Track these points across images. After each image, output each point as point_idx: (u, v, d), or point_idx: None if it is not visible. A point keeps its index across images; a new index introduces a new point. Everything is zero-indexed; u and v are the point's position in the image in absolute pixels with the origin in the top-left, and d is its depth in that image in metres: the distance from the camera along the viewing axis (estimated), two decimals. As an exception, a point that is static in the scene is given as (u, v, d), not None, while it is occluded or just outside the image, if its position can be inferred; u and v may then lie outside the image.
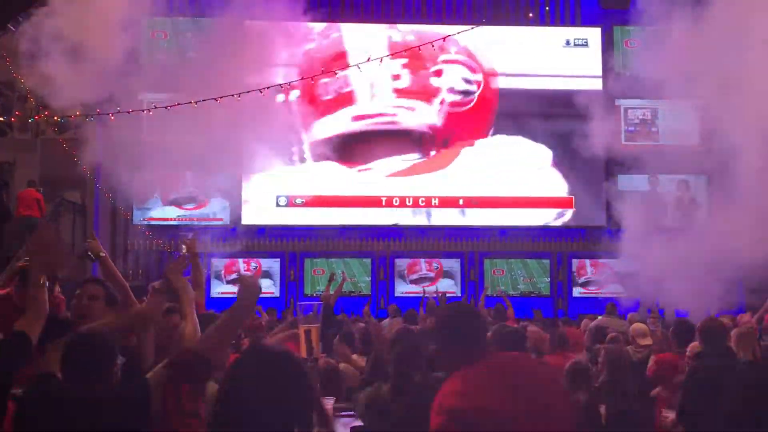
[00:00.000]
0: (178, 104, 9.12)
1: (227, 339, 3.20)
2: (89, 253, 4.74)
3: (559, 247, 14.42)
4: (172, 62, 13.94)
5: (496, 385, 2.59)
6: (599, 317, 10.79)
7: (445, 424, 2.48)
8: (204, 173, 13.57)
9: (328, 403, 3.99)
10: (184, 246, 4.78)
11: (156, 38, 13.84)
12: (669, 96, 13.86)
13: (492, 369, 2.66)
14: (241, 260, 13.94)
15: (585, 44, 14.86)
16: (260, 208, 13.83)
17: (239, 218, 13.80)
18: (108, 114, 9.21)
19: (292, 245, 13.91)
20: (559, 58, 14.73)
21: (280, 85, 8.75)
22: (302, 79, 9.48)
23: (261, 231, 13.92)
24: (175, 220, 13.84)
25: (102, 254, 4.66)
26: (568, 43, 14.84)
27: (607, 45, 14.78)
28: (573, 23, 15.11)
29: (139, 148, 13.64)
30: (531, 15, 15.02)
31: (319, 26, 13.93)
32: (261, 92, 8.64)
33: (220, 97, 8.74)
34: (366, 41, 13.85)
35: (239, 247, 13.69)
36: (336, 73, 10.45)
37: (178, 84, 13.50)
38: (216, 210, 13.85)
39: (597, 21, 14.97)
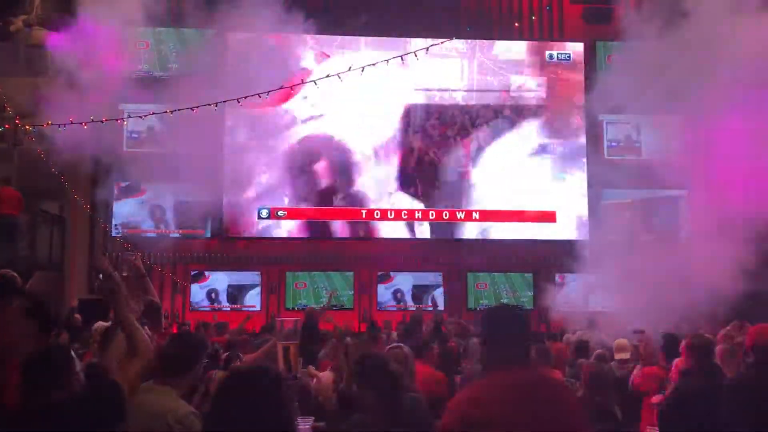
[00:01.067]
0: (153, 113, 8.97)
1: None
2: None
3: (544, 261, 14.36)
4: (153, 73, 13.84)
5: (514, 399, 2.58)
6: (578, 331, 10.80)
7: (450, 424, 2.52)
8: (185, 184, 13.48)
9: (306, 423, 3.87)
10: (125, 266, 4.51)
11: (138, 48, 13.68)
12: (650, 111, 14.12)
13: (516, 382, 2.64)
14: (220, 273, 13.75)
15: (567, 59, 14.88)
16: (241, 220, 13.67)
17: (220, 230, 13.63)
18: (81, 123, 8.97)
19: (273, 258, 13.74)
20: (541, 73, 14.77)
21: (258, 94, 8.61)
22: (281, 88, 9.33)
23: (242, 244, 13.75)
24: (153, 231, 13.64)
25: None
26: (551, 57, 14.85)
27: (590, 60, 14.81)
28: (556, 38, 15.15)
29: (120, 159, 13.58)
30: (516, 24, 15.10)
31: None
32: (239, 102, 8.53)
33: (196, 107, 8.64)
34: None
35: (219, 261, 13.57)
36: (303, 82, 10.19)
37: (160, 95, 13.47)
38: (196, 222, 13.66)
39: (580, 36, 15.03)
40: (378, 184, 14.03)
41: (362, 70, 8.98)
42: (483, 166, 14.37)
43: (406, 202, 14.06)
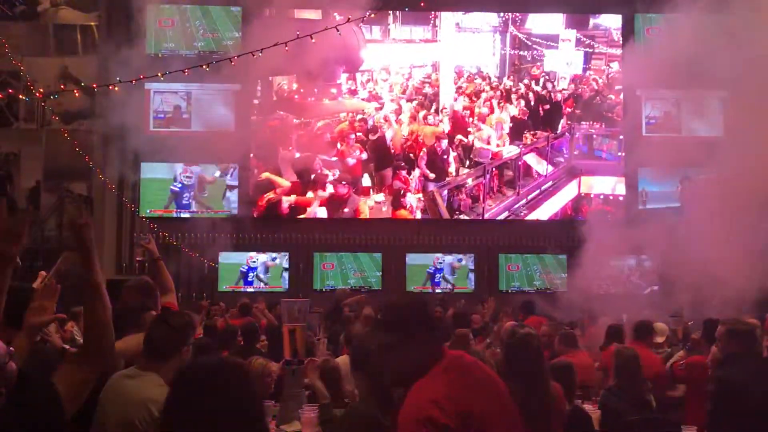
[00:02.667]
0: (177, 71, 8.79)
1: None
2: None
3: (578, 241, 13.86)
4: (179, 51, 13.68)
5: (472, 387, 2.35)
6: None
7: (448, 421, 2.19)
8: (212, 163, 13.36)
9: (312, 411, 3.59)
10: (141, 250, 4.49)
11: (163, 26, 13.52)
12: (692, 86, 13.54)
13: (463, 370, 2.40)
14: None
15: (605, 32, 14.33)
16: (268, 199, 13.47)
17: (248, 210, 13.46)
18: (109, 86, 8.85)
19: (301, 238, 13.54)
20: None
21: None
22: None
23: (269, 224, 13.55)
24: (181, 212, 13.52)
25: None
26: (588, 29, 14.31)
27: (628, 33, 14.22)
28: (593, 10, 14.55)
29: (146, 139, 13.49)
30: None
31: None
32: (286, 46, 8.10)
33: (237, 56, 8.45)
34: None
35: (247, 241, 13.41)
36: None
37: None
38: (224, 202, 13.51)
39: (618, 8, 14.42)
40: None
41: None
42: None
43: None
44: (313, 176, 13.39)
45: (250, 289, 13.31)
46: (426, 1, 13.38)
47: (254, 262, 13.53)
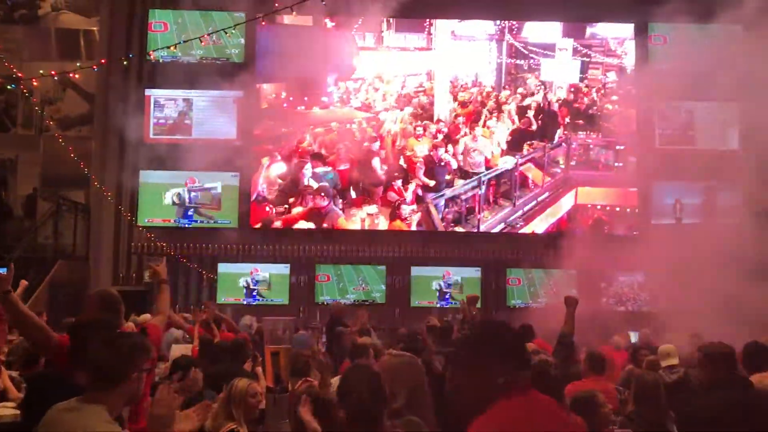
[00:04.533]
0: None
1: None
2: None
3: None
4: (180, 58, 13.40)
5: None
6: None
7: None
8: (211, 172, 13.03)
9: None
10: (150, 271, 4.38)
11: (154, 30, 13.24)
12: (705, 97, 13.18)
13: (532, 409, 2.24)
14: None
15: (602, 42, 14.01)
16: (269, 210, 13.10)
17: (247, 221, 13.10)
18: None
19: (302, 250, 13.16)
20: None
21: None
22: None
23: (269, 235, 13.18)
24: (178, 222, 13.16)
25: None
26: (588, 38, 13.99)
27: (640, 42, 13.87)
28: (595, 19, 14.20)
29: (144, 148, 13.19)
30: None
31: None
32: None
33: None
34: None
35: (247, 253, 13.05)
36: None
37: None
38: (223, 212, 13.15)
39: (627, 16, 14.07)
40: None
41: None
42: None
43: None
44: (299, 188, 12.99)
45: (252, 302, 12.94)
46: (421, 8, 13.19)
47: (258, 275, 13.12)
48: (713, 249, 9.13)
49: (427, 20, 13.67)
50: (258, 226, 13.10)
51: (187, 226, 13.07)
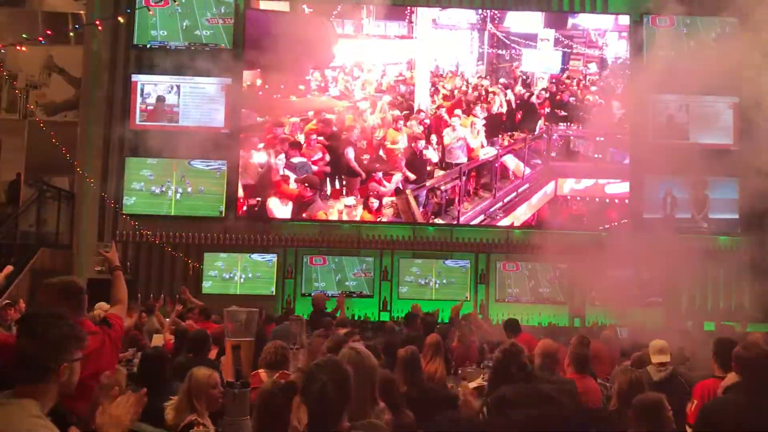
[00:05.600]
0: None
1: None
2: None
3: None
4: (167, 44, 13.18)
5: None
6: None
7: None
8: (198, 160, 12.84)
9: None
10: (99, 259, 4.15)
11: (152, 12, 12.99)
12: (702, 91, 13.04)
13: None
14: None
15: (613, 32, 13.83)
16: (273, 198, 12.89)
17: (234, 210, 12.91)
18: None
19: (289, 240, 12.98)
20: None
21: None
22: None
23: (257, 224, 13.00)
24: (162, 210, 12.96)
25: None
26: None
27: (636, 34, 13.70)
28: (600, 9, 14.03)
29: (130, 135, 12.99)
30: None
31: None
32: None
33: None
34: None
35: (233, 243, 12.87)
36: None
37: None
38: (210, 201, 12.95)
39: (625, 7, 13.93)
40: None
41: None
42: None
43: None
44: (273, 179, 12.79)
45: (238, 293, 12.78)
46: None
47: (245, 265, 12.94)
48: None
49: (408, 8, 13.44)
50: (243, 215, 12.91)
51: (172, 214, 12.87)
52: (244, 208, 12.86)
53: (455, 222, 13.12)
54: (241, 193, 12.83)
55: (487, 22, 13.56)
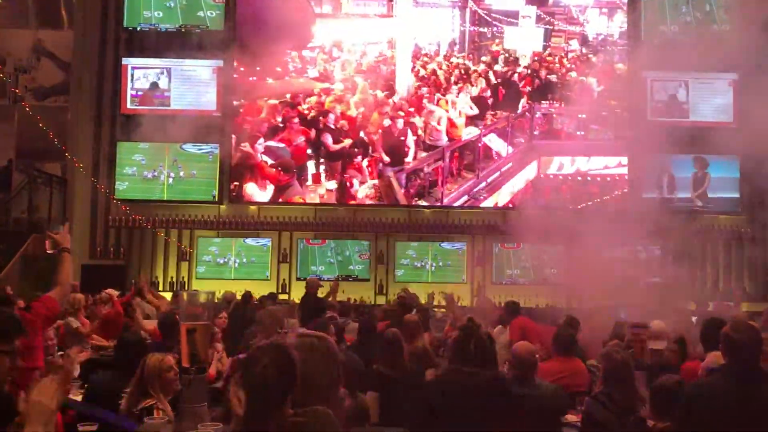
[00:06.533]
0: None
1: None
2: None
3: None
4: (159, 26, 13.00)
5: None
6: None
7: None
8: (191, 144, 12.70)
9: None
10: (50, 241, 4.14)
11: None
12: (702, 69, 12.82)
13: None
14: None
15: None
16: (250, 183, 12.76)
17: (228, 194, 12.78)
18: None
19: (284, 224, 12.85)
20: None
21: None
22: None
23: (250, 208, 12.87)
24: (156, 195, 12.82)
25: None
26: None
27: (633, 10, 13.46)
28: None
29: (121, 119, 12.85)
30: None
31: None
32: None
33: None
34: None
35: (227, 226, 12.75)
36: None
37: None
38: (202, 185, 12.80)
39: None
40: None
41: None
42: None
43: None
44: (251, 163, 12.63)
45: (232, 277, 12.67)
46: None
47: (239, 249, 12.83)
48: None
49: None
50: (235, 199, 12.78)
51: (165, 199, 12.73)
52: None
53: (438, 203, 12.96)
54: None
55: (468, -1, 13.33)
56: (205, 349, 2.97)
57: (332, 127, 12.68)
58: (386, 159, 12.77)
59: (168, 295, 10.74)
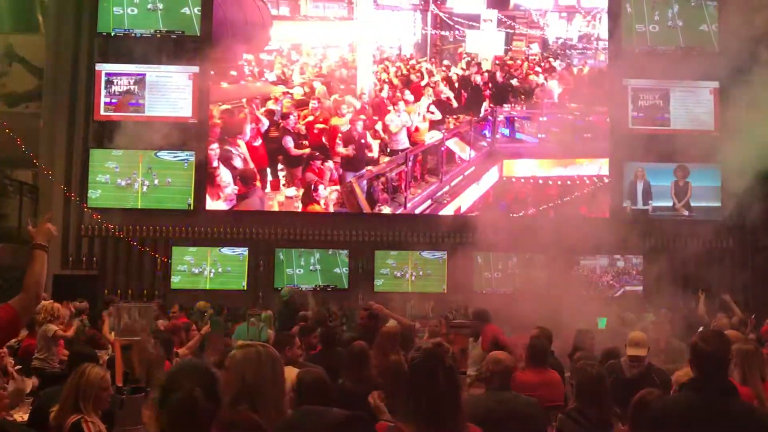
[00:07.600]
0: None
1: None
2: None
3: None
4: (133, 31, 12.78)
5: None
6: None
7: None
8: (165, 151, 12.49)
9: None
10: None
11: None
12: (683, 77, 12.78)
13: None
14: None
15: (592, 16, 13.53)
16: (226, 191, 12.51)
17: (203, 202, 12.53)
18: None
19: (260, 233, 12.61)
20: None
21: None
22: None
23: (227, 217, 12.63)
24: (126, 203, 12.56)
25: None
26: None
27: (615, 18, 13.39)
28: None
29: (94, 125, 12.61)
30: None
31: None
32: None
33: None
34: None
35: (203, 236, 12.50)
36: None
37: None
38: (177, 192, 12.55)
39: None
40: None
41: None
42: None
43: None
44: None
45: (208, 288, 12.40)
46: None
47: (215, 258, 12.58)
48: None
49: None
50: (213, 208, 12.53)
51: (139, 207, 12.47)
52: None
53: (402, 208, 12.80)
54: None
55: (429, 2, 13.18)
56: (142, 366, 2.75)
57: (291, 130, 12.47)
58: (346, 152, 12.56)
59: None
